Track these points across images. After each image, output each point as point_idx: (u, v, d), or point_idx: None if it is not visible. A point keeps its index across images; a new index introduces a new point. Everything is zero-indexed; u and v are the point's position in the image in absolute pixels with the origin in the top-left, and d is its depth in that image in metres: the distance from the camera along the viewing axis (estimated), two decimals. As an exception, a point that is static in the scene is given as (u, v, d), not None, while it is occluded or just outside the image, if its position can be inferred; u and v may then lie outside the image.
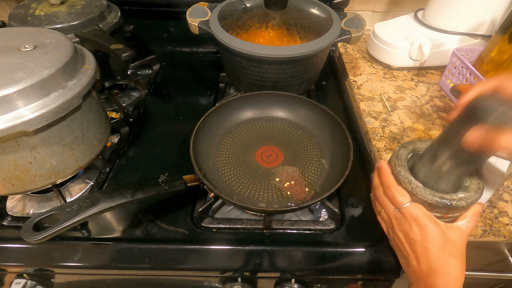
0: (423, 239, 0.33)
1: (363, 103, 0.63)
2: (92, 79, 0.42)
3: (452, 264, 0.32)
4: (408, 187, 0.35)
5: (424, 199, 0.34)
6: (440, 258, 0.32)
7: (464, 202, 0.34)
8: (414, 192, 0.34)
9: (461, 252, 0.33)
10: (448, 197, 0.34)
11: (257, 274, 0.44)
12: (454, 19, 0.67)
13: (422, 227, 0.33)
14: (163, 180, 0.41)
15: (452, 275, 0.31)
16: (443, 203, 0.34)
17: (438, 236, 0.33)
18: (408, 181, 0.35)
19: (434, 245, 0.33)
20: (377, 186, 0.39)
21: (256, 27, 0.60)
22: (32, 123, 0.36)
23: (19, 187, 0.41)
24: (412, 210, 0.34)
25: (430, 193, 0.34)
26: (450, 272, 0.32)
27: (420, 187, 0.35)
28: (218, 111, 0.54)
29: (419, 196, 0.34)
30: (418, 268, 0.33)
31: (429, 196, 0.34)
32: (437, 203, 0.34)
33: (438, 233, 0.33)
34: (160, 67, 0.77)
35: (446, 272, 0.32)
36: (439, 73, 0.71)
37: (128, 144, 0.57)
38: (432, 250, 0.33)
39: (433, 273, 0.32)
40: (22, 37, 0.42)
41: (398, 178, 0.36)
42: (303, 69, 0.58)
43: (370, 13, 0.88)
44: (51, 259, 0.42)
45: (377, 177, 0.39)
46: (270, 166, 0.51)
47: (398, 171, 0.36)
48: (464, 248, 0.34)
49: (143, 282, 0.47)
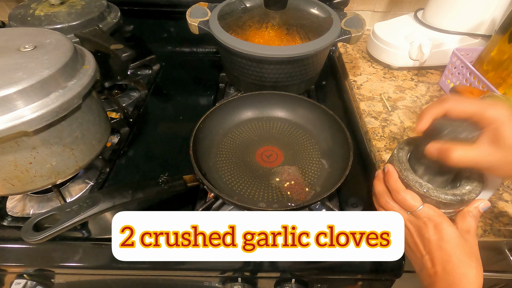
0: (438, 239, 0.32)
1: (363, 103, 0.63)
2: (92, 79, 0.42)
3: (468, 265, 0.31)
4: (420, 190, 0.34)
5: (438, 200, 0.34)
6: (456, 258, 0.31)
7: (474, 194, 0.34)
8: (427, 195, 0.34)
9: (476, 255, 0.32)
10: (459, 193, 0.34)
11: (257, 274, 0.44)
12: (454, 19, 0.67)
13: (437, 227, 0.32)
14: (163, 180, 0.41)
15: (469, 277, 0.30)
16: (456, 200, 0.33)
17: (454, 236, 0.32)
18: (419, 184, 0.35)
19: (450, 244, 0.31)
20: (381, 193, 0.38)
21: (256, 27, 0.60)
22: (32, 123, 0.35)
23: (19, 187, 0.41)
24: (426, 211, 0.34)
25: (443, 193, 0.34)
26: (467, 273, 0.30)
27: (432, 189, 0.34)
28: (218, 111, 0.54)
29: (433, 198, 0.34)
30: (432, 270, 0.32)
31: (442, 196, 0.34)
32: (451, 201, 0.33)
33: (454, 233, 0.32)
34: (160, 67, 0.77)
35: (462, 274, 0.30)
36: (439, 73, 0.71)
37: (128, 144, 0.57)
38: (448, 250, 0.31)
39: (449, 275, 0.30)
40: (22, 37, 0.42)
41: (407, 183, 0.36)
42: (303, 69, 0.58)
43: (370, 13, 0.88)
44: (51, 259, 0.42)
45: (380, 184, 0.38)
46: (270, 166, 0.51)
47: (406, 176, 0.36)
48: (478, 250, 0.33)
49: (143, 282, 0.47)
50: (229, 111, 0.57)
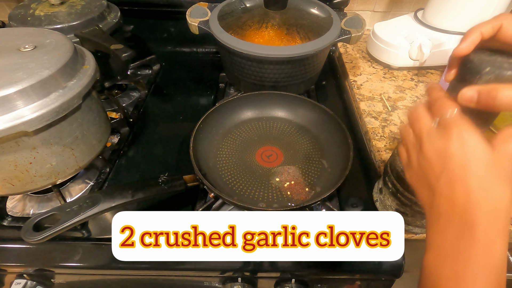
0: (463, 155, 0.24)
1: (363, 103, 0.63)
2: (92, 79, 0.42)
3: (501, 191, 0.23)
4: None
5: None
6: (485, 181, 0.23)
7: None
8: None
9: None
10: None
11: (257, 274, 0.44)
12: (454, 19, 0.67)
13: (464, 140, 0.25)
14: (163, 180, 0.41)
15: (500, 203, 0.23)
16: None
17: (485, 153, 0.24)
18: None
19: (477, 164, 0.24)
20: (415, 119, 0.31)
21: (256, 27, 0.60)
22: (32, 123, 0.36)
23: (19, 187, 0.41)
24: (458, 118, 0.26)
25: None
26: (497, 199, 0.23)
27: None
28: (218, 111, 0.54)
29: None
30: (450, 197, 0.24)
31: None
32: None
33: (484, 149, 0.24)
34: (160, 67, 0.77)
35: (491, 199, 0.23)
36: (439, 73, 0.71)
37: (128, 144, 0.57)
38: (474, 171, 0.24)
39: (472, 203, 0.23)
40: (22, 37, 0.42)
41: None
42: (303, 69, 0.58)
43: (370, 13, 0.88)
44: (51, 259, 0.42)
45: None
46: (270, 166, 0.51)
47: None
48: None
49: (143, 282, 0.47)
50: (229, 111, 0.57)
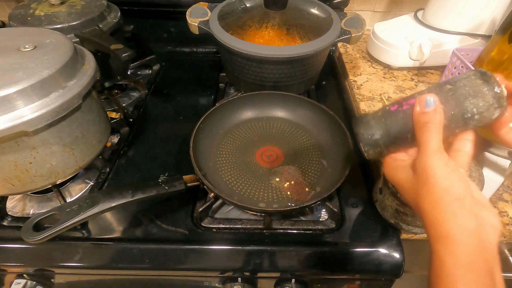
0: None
1: (363, 103, 0.63)
2: (92, 79, 0.42)
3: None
4: None
5: None
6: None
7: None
8: None
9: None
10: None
11: (257, 274, 0.44)
12: (454, 19, 0.67)
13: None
14: (163, 180, 0.41)
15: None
16: None
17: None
18: None
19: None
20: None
21: (256, 27, 0.60)
22: (32, 123, 0.36)
23: (19, 187, 0.41)
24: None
25: None
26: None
27: None
28: (218, 111, 0.54)
29: None
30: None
31: None
32: None
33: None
34: (160, 67, 0.77)
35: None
36: (439, 73, 0.71)
37: (128, 144, 0.57)
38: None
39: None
40: (22, 37, 0.42)
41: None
42: (303, 69, 0.58)
43: (370, 13, 0.88)
44: (51, 259, 0.42)
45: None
46: (270, 166, 0.51)
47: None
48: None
49: (143, 282, 0.47)
50: (229, 111, 0.57)
